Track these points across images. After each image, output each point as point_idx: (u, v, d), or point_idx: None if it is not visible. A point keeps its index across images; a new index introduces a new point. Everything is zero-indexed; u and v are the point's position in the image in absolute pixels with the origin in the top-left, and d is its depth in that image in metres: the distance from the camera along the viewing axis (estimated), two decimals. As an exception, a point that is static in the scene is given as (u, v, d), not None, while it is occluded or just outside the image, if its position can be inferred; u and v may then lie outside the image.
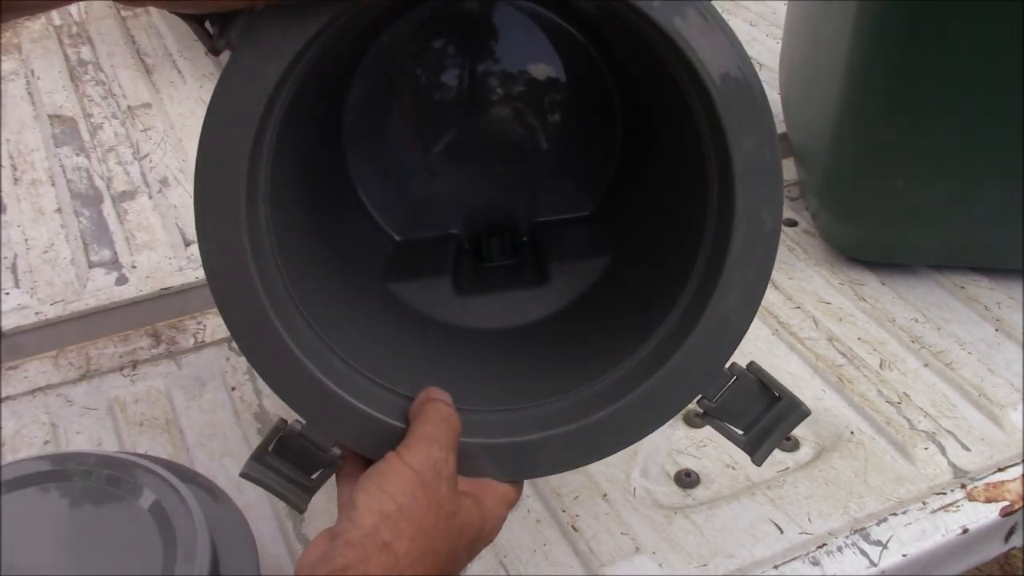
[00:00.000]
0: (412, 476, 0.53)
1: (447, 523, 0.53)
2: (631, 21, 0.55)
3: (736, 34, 0.53)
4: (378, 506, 0.52)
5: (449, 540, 0.53)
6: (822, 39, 0.97)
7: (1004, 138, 0.87)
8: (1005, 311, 0.95)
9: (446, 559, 0.53)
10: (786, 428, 0.58)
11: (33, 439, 0.85)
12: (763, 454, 0.59)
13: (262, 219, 0.57)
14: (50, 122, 1.26)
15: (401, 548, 0.50)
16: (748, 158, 0.55)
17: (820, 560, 0.73)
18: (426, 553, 0.51)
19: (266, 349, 0.56)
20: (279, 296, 0.57)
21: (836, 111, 0.92)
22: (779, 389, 0.59)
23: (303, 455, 0.57)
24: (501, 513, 0.58)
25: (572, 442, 0.58)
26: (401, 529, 0.51)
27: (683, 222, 0.63)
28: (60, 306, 0.96)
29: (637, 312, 0.64)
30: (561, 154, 0.79)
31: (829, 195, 1.00)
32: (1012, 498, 0.77)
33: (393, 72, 0.77)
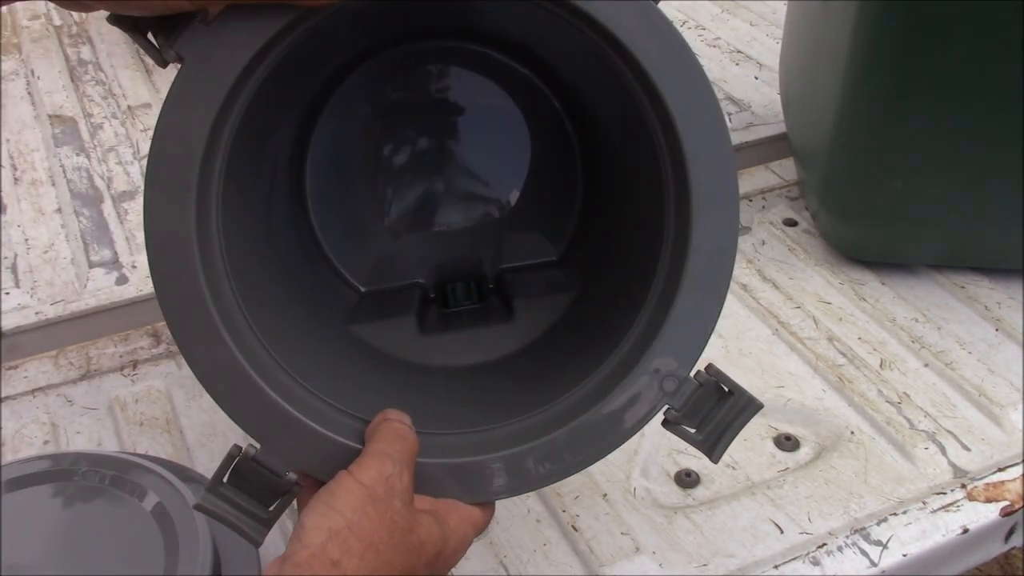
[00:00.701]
0: (362, 492, 0.51)
1: (402, 538, 0.51)
2: (598, 52, 0.57)
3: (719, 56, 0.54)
4: (327, 524, 0.50)
5: (405, 556, 0.51)
6: (822, 39, 0.97)
7: (1004, 138, 0.87)
8: (1005, 311, 0.95)
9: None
10: (742, 423, 0.58)
11: (33, 439, 0.85)
12: (720, 451, 0.58)
13: (218, 262, 0.57)
14: (50, 122, 1.26)
15: (350, 565, 0.49)
16: (706, 187, 0.56)
17: (820, 560, 0.73)
18: (378, 569, 0.50)
19: (221, 373, 0.55)
20: (239, 330, 0.57)
21: (836, 111, 0.92)
22: (732, 386, 0.58)
23: (259, 484, 0.55)
24: (466, 533, 0.56)
25: (538, 453, 0.58)
26: (351, 546, 0.49)
27: (642, 253, 0.63)
28: (60, 306, 0.96)
29: (600, 338, 0.64)
30: (527, 204, 0.79)
31: (829, 195, 1.00)
32: (1012, 498, 0.77)
33: (351, 133, 0.77)
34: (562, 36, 0.61)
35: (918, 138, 0.89)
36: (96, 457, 0.72)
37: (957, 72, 0.84)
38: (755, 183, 1.14)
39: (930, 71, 0.85)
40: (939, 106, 0.87)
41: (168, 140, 0.54)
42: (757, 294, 0.98)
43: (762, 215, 1.09)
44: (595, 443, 0.58)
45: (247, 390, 0.56)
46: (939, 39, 0.83)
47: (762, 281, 1.00)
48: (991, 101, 0.86)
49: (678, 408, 0.57)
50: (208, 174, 0.56)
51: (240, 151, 0.58)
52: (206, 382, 0.56)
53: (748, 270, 1.01)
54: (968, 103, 0.86)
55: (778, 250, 1.04)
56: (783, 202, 1.11)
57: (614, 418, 0.57)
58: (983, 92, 0.85)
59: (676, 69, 0.58)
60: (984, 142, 0.88)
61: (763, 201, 1.12)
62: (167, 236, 0.55)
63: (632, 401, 0.57)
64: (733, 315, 0.96)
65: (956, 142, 0.88)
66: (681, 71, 0.59)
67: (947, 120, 0.87)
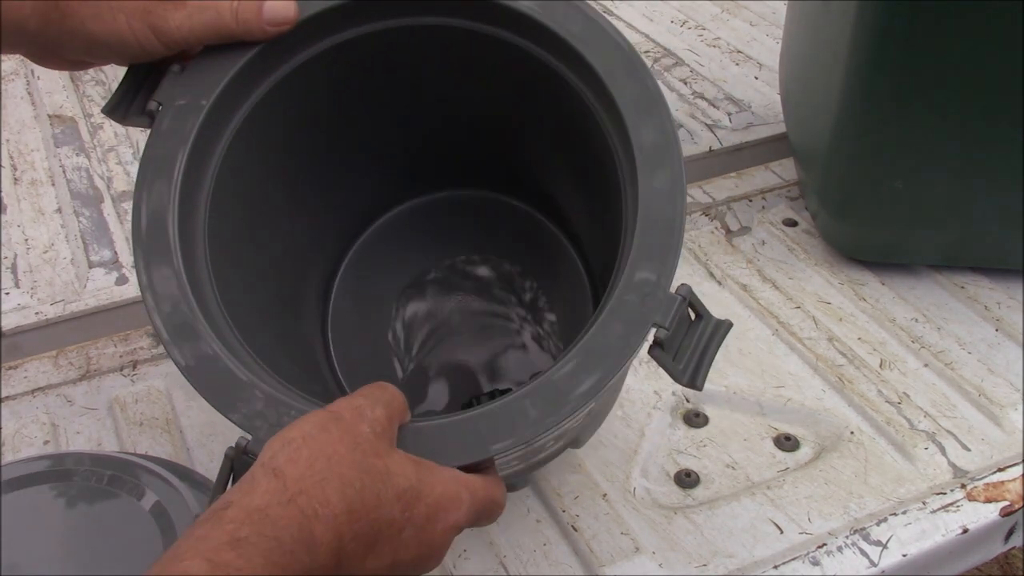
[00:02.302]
0: (326, 414, 0.48)
1: (364, 459, 0.45)
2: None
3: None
4: (281, 436, 0.46)
5: (366, 477, 0.45)
6: (822, 39, 0.97)
7: (1004, 138, 0.87)
8: (1005, 311, 0.95)
9: (359, 495, 0.45)
10: (717, 345, 0.56)
11: (33, 439, 0.85)
12: (703, 377, 0.56)
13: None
14: (50, 122, 1.26)
15: (292, 473, 0.43)
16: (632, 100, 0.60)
17: (820, 560, 0.73)
18: (327, 479, 0.44)
19: (212, 375, 0.56)
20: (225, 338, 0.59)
21: (836, 111, 0.92)
22: (702, 309, 0.57)
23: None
24: (456, 492, 0.49)
25: (533, 397, 0.55)
26: (299, 454, 0.44)
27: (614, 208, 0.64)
28: (60, 306, 0.96)
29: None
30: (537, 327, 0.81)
31: (829, 195, 1.00)
32: (1012, 498, 0.77)
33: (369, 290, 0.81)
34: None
35: (918, 138, 0.89)
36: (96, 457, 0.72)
37: (957, 72, 0.84)
38: (755, 183, 1.14)
39: (930, 71, 0.85)
40: (939, 106, 0.87)
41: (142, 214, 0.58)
42: (757, 294, 0.98)
43: (762, 215, 1.09)
44: (591, 374, 0.55)
45: (238, 387, 0.56)
46: (939, 39, 0.83)
47: (762, 281, 1.00)
48: (991, 101, 0.86)
49: (667, 326, 0.54)
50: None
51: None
52: (191, 377, 0.57)
53: (748, 270, 1.01)
54: (968, 103, 0.86)
55: (778, 250, 1.04)
56: (783, 202, 1.11)
57: (606, 345, 0.55)
58: (983, 92, 0.85)
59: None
60: (984, 142, 0.88)
61: (763, 201, 1.12)
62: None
63: (620, 325, 0.55)
64: (733, 315, 0.96)
65: (956, 142, 0.88)
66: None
67: (947, 120, 0.87)
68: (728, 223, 1.08)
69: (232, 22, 0.59)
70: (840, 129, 0.93)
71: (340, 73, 0.69)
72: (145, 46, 0.58)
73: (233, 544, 0.40)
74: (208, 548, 0.40)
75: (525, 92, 0.69)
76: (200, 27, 0.58)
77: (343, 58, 0.68)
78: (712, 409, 0.86)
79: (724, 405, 0.87)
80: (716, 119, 1.23)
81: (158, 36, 0.58)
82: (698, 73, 1.33)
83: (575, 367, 0.55)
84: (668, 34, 1.43)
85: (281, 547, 0.41)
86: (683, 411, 0.86)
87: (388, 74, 0.72)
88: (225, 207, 0.63)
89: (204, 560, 0.39)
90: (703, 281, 1.01)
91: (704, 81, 1.31)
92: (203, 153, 0.61)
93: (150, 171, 0.59)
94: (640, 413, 0.85)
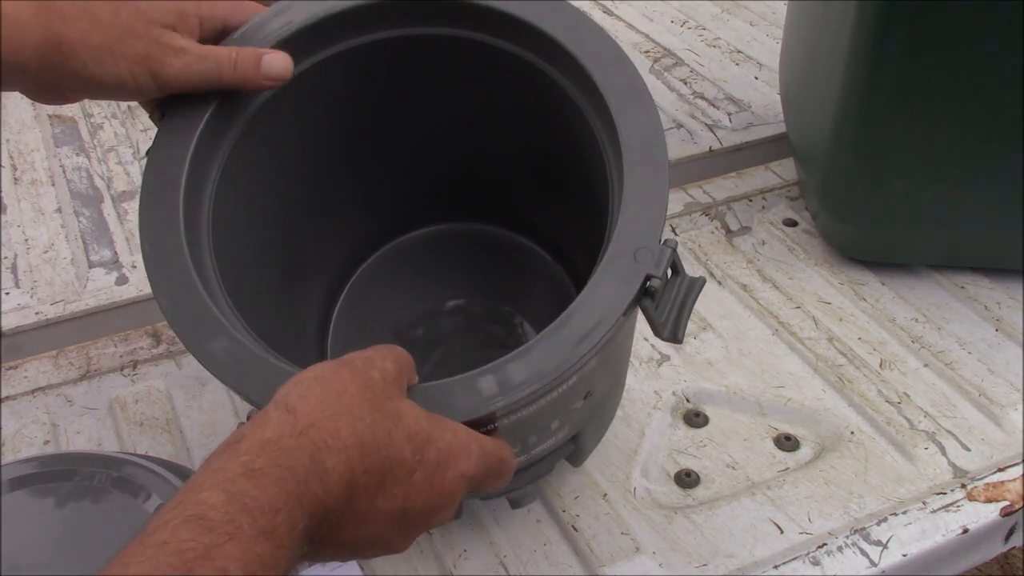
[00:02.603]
0: (338, 361, 0.49)
1: (374, 398, 0.46)
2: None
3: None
4: (294, 378, 0.47)
5: (376, 413, 0.46)
6: (822, 39, 0.97)
7: (1004, 138, 0.87)
8: (1005, 311, 0.95)
9: (370, 430, 0.45)
10: (694, 298, 0.58)
11: (33, 439, 0.85)
12: (682, 330, 0.58)
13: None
14: (50, 122, 1.26)
15: (303, 408, 0.44)
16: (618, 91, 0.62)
17: (820, 560, 0.73)
18: (338, 414, 0.45)
19: (247, 368, 0.56)
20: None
21: (836, 111, 0.92)
22: (680, 267, 0.59)
23: None
24: (465, 442, 0.50)
25: (535, 352, 0.55)
26: (310, 392, 0.46)
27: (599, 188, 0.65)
28: (60, 306, 0.96)
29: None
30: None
31: (829, 195, 1.00)
32: (1012, 498, 0.77)
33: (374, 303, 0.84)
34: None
35: (918, 138, 0.89)
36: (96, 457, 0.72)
37: (957, 72, 0.84)
38: (755, 183, 1.14)
39: (930, 71, 0.85)
40: (939, 106, 0.87)
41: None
42: (757, 294, 0.98)
43: (762, 215, 1.09)
44: (590, 327, 0.55)
45: (245, 358, 0.56)
46: (939, 39, 0.83)
47: (762, 281, 1.00)
48: (991, 101, 0.86)
49: (660, 276, 0.56)
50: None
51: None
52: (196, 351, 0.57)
53: (748, 270, 1.01)
54: (968, 103, 0.86)
55: (778, 250, 1.04)
56: (783, 202, 1.11)
57: (603, 298, 0.56)
58: (983, 92, 0.85)
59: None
60: (984, 142, 0.88)
61: (763, 201, 1.12)
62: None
63: (615, 279, 0.56)
64: (733, 315, 0.96)
65: (956, 142, 0.88)
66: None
67: (947, 120, 0.87)
68: (728, 223, 1.08)
69: (230, 73, 0.61)
70: (840, 129, 0.93)
71: (321, 96, 0.70)
72: (143, 90, 0.60)
73: (248, 475, 0.41)
74: (224, 479, 0.41)
75: (511, 95, 0.71)
76: (197, 77, 0.60)
77: (326, 76, 0.69)
78: (712, 409, 0.86)
79: (724, 405, 0.87)
80: (716, 119, 1.23)
81: (157, 82, 0.59)
82: (698, 73, 1.33)
83: (575, 322, 0.55)
84: (668, 34, 1.43)
85: (294, 477, 0.42)
86: (683, 411, 0.86)
87: (380, 90, 0.73)
88: (224, 231, 0.64)
89: (221, 491, 0.40)
90: (703, 281, 1.01)
91: (704, 81, 1.31)
92: (201, 175, 0.63)
93: (151, 185, 0.61)
94: (640, 413, 0.85)
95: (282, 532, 0.40)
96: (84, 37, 0.57)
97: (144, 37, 0.58)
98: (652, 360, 0.91)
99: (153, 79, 0.59)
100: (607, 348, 0.59)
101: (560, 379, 0.55)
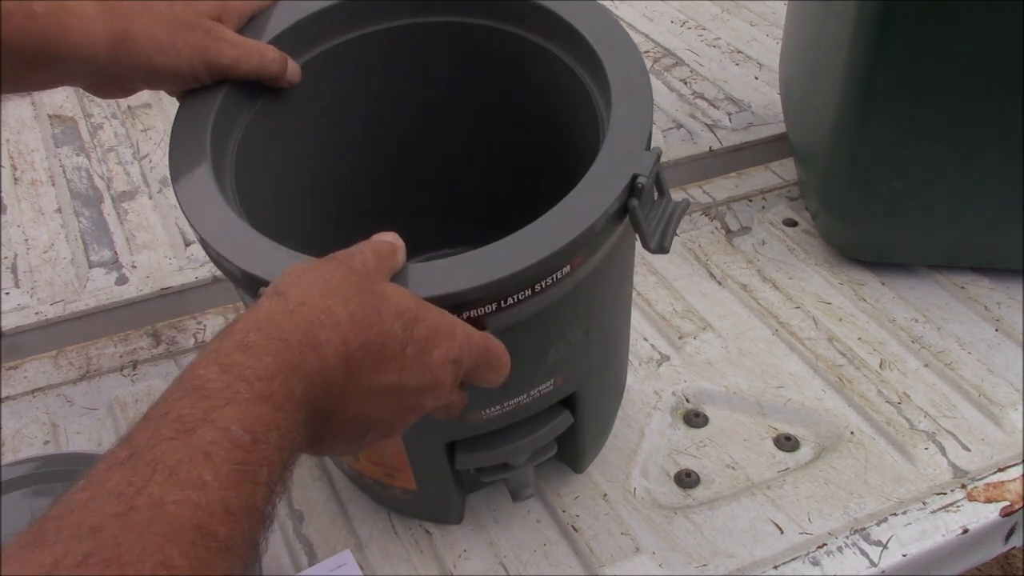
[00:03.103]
0: (321, 258, 0.51)
1: (360, 282, 0.49)
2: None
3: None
4: (282, 272, 0.50)
5: (363, 295, 0.48)
6: (822, 39, 0.97)
7: (1004, 138, 0.87)
8: (1005, 311, 0.95)
9: (360, 308, 0.47)
10: (680, 215, 0.61)
11: (33, 439, 0.85)
12: (669, 239, 0.60)
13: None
14: (50, 122, 1.26)
15: (293, 292, 0.47)
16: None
17: (820, 560, 0.73)
18: (327, 295, 0.47)
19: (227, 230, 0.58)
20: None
21: (836, 111, 0.92)
22: (665, 189, 0.61)
23: None
24: (450, 323, 0.51)
25: (518, 241, 0.55)
26: (299, 280, 0.48)
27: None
28: (60, 306, 0.96)
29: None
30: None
31: (829, 195, 1.00)
32: (1012, 498, 0.77)
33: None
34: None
35: (918, 138, 0.89)
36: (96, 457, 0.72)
37: (957, 71, 0.84)
38: (755, 183, 1.14)
39: (930, 71, 0.85)
40: (939, 106, 0.87)
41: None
42: (757, 294, 0.98)
43: (762, 215, 1.09)
44: (576, 220, 0.56)
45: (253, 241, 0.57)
46: (939, 39, 0.83)
47: (762, 281, 1.00)
48: (991, 101, 0.86)
49: (647, 175, 0.57)
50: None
51: None
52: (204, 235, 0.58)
53: (748, 270, 1.02)
54: (968, 103, 0.86)
55: (778, 250, 1.04)
56: (783, 202, 1.11)
57: (591, 194, 0.57)
58: (983, 92, 0.85)
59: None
60: (984, 142, 0.88)
61: (763, 201, 1.12)
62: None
63: (602, 179, 0.58)
64: (733, 315, 0.96)
65: (956, 142, 0.88)
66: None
67: (947, 120, 0.87)
68: (728, 223, 1.08)
69: (270, 67, 0.67)
70: (840, 129, 0.93)
71: (333, 83, 0.72)
72: (197, 78, 0.65)
73: (242, 348, 0.43)
74: (219, 355, 0.43)
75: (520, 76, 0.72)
76: (245, 68, 0.66)
77: (337, 64, 0.71)
78: (712, 409, 0.86)
79: (724, 405, 0.87)
80: (716, 119, 1.23)
81: (209, 71, 0.65)
82: (698, 73, 1.33)
83: (560, 216, 0.56)
84: (668, 34, 1.43)
85: (288, 347, 0.43)
86: (683, 411, 0.86)
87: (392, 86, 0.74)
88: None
89: (216, 365, 0.42)
90: (703, 281, 1.01)
91: (704, 81, 1.31)
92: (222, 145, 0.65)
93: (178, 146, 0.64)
94: (640, 413, 0.85)
95: (279, 396, 0.42)
96: (147, 31, 0.61)
97: (198, 29, 0.64)
98: (652, 360, 0.91)
99: (207, 68, 0.64)
100: (605, 270, 0.61)
101: (549, 267, 0.55)
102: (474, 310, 0.54)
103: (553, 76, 0.70)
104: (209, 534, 0.36)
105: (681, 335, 0.93)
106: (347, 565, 0.72)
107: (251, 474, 0.39)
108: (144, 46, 0.61)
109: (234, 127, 0.66)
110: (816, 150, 1.00)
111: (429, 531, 0.76)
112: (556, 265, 0.55)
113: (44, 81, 0.66)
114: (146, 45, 0.61)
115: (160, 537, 0.35)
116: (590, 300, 0.63)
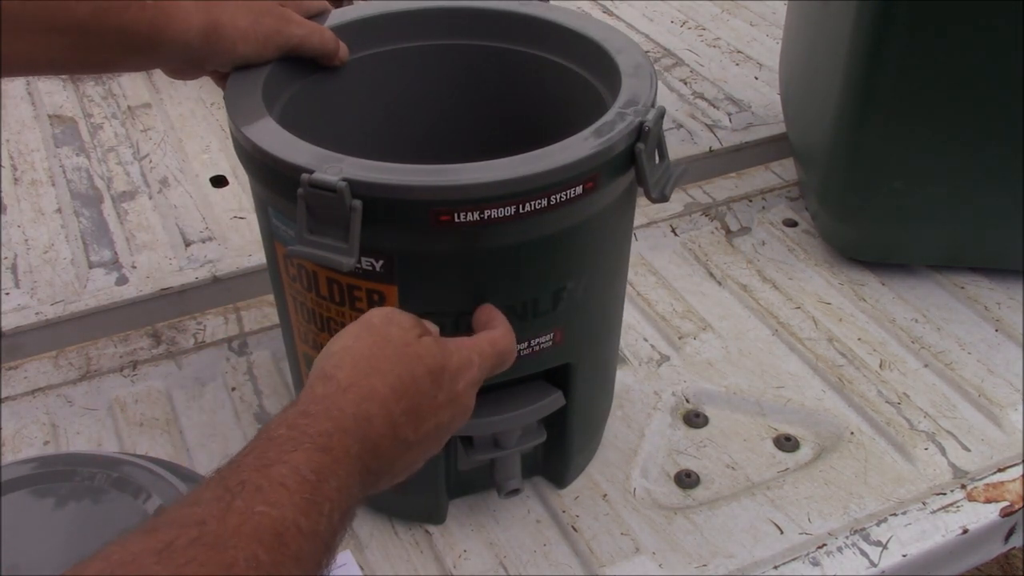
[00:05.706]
0: (360, 324, 0.57)
1: (395, 351, 0.56)
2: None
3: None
4: (325, 351, 0.56)
5: (401, 363, 0.55)
6: (822, 39, 0.97)
7: (1004, 138, 0.87)
8: (1005, 311, 0.95)
9: (399, 379, 0.54)
10: (678, 176, 0.66)
11: (33, 439, 0.85)
12: (671, 190, 0.65)
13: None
14: (50, 122, 1.26)
15: (340, 375, 0.54)
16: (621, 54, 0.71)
17: (820, 560, 0.73)
18: (370, 374, 0.54)
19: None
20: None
21: (836, 111, 0.92)
22: (666, 153, 0.66)
23: (330, 218, 0.59)
24: (468, 356, 0.59)
25: (549, 151, 0.61)
26: (343, 362, 0.55)
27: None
28: (60, 306, 0.96)
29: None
30: None
31: (829, 195, 1.00)
32: (1012, 498, 0.77)
33: None
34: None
35: (918, 138, 0.89)
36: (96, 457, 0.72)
37: (956, 72, 0.85)
38: (755, 183, 1.14)
39: (930, 71, 0.85)
40: (939, 106, 0.87)
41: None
42: (757, 294, 0.98)
43: (762, 215, 1.09)
44: (574, 150, 0.60)
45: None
46: (939, 39, 0.83)
47: (762, 281, 1.00)
48: (991, 101, 0.86)
49: (651, 123, 0.62)
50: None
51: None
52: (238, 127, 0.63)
53: (748, 270, 1.02)
54: (968, 103, 0.86)
55: (778, 250, 1.04)
56: (783, 202, 1.11)
57: (597, 132, 0.62)
58: (983, 92, 0.85)
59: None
60: (983, 142, 0.88)
61: (763, 201, 1.12)
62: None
63: (608, 122, 0.63)
64: (733, 315, 0.96)
65: (956, 142, 0.88)
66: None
67: (947, 120, 0.88)
68: (728, 223, 1.08)
69: (330, 44, 0.73)
70: (840, 129, 0.93)
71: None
72: (268, 59, 0.70)
73: (304, 415, 0.51)
74: (286, 419, 0.50)
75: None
76: (309, 47, 0.72)
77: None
78: (712, 409, 0.86)
79: (724, 405, 0.87)
80: (716, 119, 1.23)
81: (280, 51, 0.70)
82: (698, 73, 1.33)
83: (576, 141, 0.61)
84: (668, 34, 1.43)
85: (344, 415, 0.51)
86: (683, 411, 0.86)
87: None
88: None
89: (284, 426, 0.50)
90: (703, 281, 1.01)
91: (704, 81, 1.31)
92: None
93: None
94: (640, 413, 0.85)
95: (338, 451, 0.49)
96: (232, 20, 0.67)
97: (272, 14, 0.70)
98: (652, 360, 0.91)
99: (278, 49, 0.70)
100: (608, 221, 0.66)
101: (567, 177, 0.59)
102: (495, 209, 0.58)
103: (571, 88, 0.75)
104: (285, 544, 0.43)
105: (681, 335, 0.93)
106: (347, 565, 0.72)
107: (317, 505, 0.46)
108: (230, 34, 0.67)
109: (278, 100, 0.71)
110: (816, 150, 1.00)
111: (429, 531, 0.76)
112: (573, 178, 0.60)
113: (136, 65, 0.72)
114: (232, 33, 0.67)
115: (249, 536, 0.42)
116: (594, 244, 0.67)
